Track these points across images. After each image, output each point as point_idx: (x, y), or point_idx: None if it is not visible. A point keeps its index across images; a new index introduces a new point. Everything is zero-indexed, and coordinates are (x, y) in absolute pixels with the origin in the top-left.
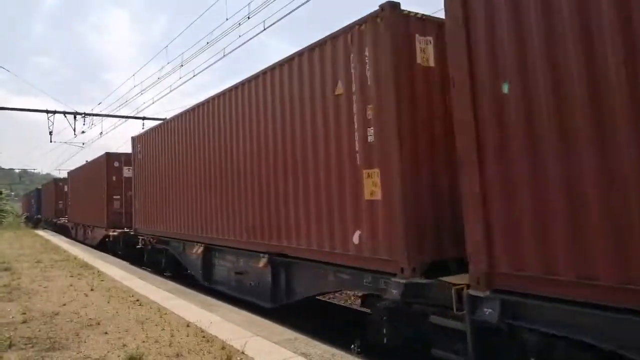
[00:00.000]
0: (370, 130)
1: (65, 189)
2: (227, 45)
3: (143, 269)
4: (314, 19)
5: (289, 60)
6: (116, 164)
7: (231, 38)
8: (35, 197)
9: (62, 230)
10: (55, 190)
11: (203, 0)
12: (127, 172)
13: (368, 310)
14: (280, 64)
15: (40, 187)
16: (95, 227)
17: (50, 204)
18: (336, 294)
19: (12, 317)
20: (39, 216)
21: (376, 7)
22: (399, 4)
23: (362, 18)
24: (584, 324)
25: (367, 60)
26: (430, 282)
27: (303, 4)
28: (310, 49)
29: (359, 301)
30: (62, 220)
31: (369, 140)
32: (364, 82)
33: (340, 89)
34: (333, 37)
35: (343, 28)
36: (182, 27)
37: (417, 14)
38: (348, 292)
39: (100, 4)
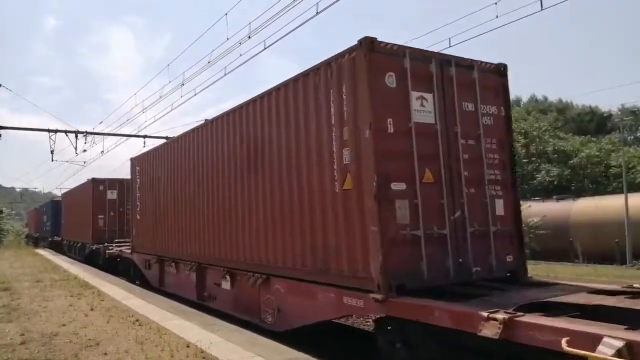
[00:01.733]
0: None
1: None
2: (228, 64)
3: (137, 283)
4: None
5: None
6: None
7: (232, 57)
8: (50, 212)
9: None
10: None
11: (205, 20)
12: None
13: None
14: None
15: (59, 197)
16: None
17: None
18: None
19: (11, 339)
20: (58, 238)
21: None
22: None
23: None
24: None
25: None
26: None
27: (303, 23)
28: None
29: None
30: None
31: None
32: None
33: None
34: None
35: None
36: (184, 46)
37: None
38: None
39: (101, 24)
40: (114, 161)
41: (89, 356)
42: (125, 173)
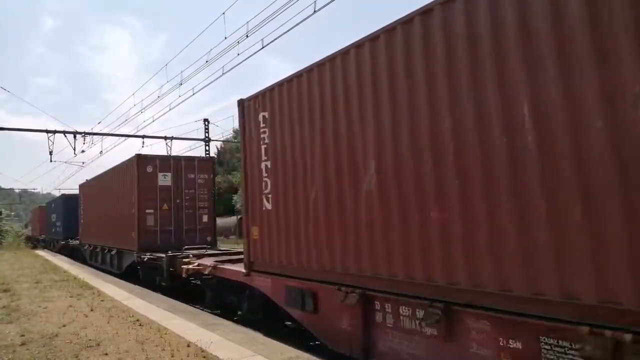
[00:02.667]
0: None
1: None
2: (227, 63)
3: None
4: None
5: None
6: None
7: (230, 56)
8: (60, 209)
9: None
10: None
11: (202, 19)
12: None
13: None
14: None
15: (77, 191)
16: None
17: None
18: None
19: (11, 340)
20: (74, 241)
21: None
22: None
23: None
24: None
25: None
26: None
27: (299, 23)
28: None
29: None
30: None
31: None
32: None
33: None
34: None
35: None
36: (182, 46)
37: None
38: None
39: (99, 24)
40: (114, 161)
41: (89, 356)
42: None
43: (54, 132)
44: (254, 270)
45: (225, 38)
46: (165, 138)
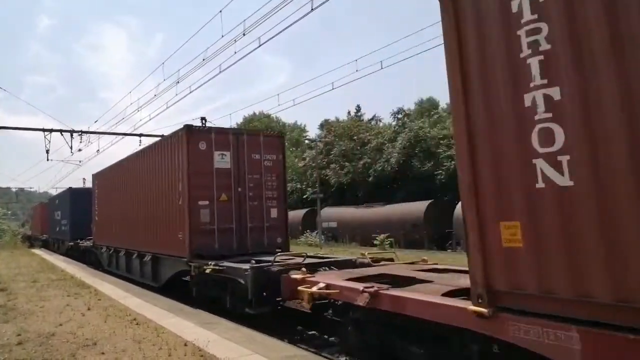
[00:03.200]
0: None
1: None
2: (224, 62)
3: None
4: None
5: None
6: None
7: (227, 54)
8: (67, 205)
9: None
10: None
11: (199, 17)
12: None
13: None
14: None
15: (92, 182)
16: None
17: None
18: None
19: (7, 339)
20: (86, 243)
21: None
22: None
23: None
24: None
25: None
26: None
27: (296, 21)
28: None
29: None
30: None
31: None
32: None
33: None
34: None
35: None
36: (179, 44)
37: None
38: None
39: (96, 23)
40: (111, 160)
41: (86, 356)
42: None
43: (51, 130)
44: (506, 308)
45: (222, 36)
46: (163, 136)
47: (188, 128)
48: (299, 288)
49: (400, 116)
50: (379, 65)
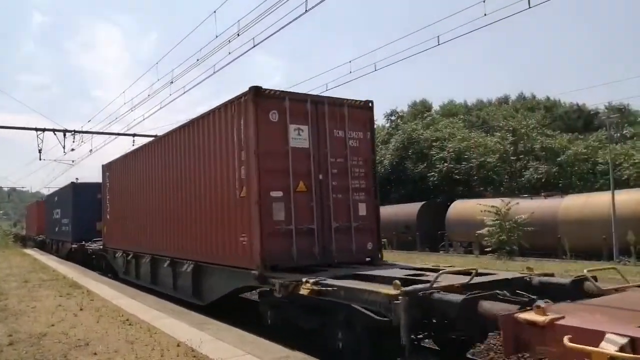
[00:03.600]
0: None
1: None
2: (217, 62)
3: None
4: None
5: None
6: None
7: (221, 55)
8: (69, 203)
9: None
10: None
11: (193, 17)
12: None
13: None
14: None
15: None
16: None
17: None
18: None
19: None
20: (94, 246)
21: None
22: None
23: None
24: None
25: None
26: None
27: (291, 22)
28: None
29: None
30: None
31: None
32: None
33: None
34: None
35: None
36: (172, 44)
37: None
38: None
39: (89, 21)
40: (104, 160)
41: (78, 356)
42: None
43: (43, 130)
44: None
45: (217, 37)
46: (157, 136)
47: (256, 90)
48: (589, 349)
49: (393, 118)
50: (372, 67)
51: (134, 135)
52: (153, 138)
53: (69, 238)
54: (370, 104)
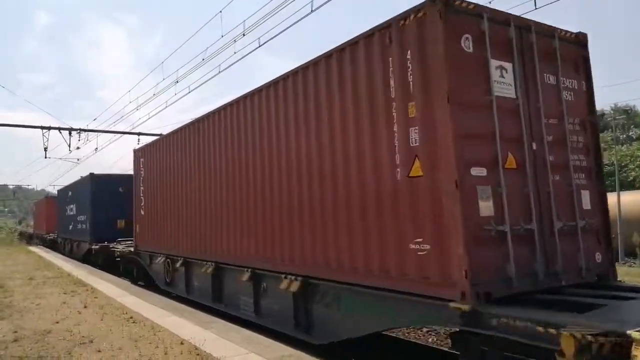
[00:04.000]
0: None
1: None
2: (223, 62)
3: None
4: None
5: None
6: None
7: (226, 54)
8: (87, 198)
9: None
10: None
11: (199, 17)
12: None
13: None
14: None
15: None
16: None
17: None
18: None
19: (3, 336)
20: (123, 248)
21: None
22: None
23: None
24: None
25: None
26: None
27: (297, 22)
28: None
29: None
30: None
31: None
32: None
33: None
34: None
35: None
36: (178, 43)
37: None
38: None
39: (94, 21)
40: (109, 159)
41: (82, 353)
42: (118, 169)
43: (49, 128)
44: None
45: (222, 36)
46: (162, 135)
47: (446, 2)
48: None
49: None
50: None
51: (139, 134)
52: (156, 137)
53: (87, 237)
54: (583, 38)
